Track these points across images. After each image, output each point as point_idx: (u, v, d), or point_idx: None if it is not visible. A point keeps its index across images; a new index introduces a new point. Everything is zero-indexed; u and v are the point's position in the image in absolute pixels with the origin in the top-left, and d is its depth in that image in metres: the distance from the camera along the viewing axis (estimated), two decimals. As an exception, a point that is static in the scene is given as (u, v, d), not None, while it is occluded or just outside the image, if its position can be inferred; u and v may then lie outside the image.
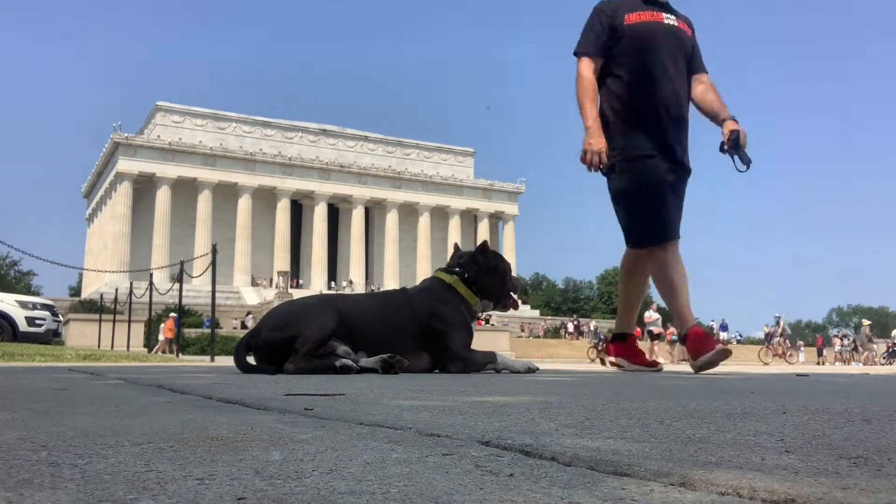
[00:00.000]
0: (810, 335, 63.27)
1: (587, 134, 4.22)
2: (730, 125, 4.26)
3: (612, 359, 4.80)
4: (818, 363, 32.07)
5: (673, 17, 4.41)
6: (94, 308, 29.14)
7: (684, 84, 4.40)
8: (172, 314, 23.32)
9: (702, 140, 4.84)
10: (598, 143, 4.18)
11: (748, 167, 4.22)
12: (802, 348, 38.65)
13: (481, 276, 3.99)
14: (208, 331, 21.93)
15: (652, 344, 18.26)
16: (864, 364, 26.35)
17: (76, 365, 5.70)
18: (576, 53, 4.39)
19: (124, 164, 54.39)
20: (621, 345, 4.81)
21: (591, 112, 4.23)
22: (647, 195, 4.25)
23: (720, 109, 4.37)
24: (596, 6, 4.43)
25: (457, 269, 4.02)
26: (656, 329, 18.14)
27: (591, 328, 28.82)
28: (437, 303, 3.88)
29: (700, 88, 4.46)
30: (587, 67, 4.30)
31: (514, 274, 4.25)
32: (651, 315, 18.16)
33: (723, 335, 43.25)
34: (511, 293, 4.16)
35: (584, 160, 4.23)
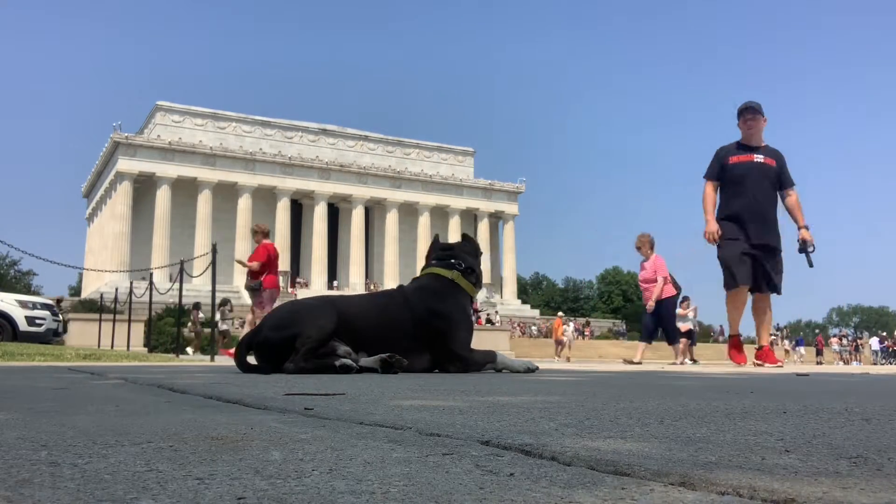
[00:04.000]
0: (810, 335, 63.16)
1: (706, 223, 6.73)
2: (803, 234, 6.60)
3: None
4: (817, 363, 32.02)
5: (762, 156, 6.70)
6: (95, 308, 29.13)
7: (769, 197, 6.67)
8: None
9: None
10: (711, 227, 6.68)
11: (811, 266, 6.59)
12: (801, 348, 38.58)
13: (476, 265, 4.07)
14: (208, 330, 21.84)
15: (683, 343, 17.35)
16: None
17: (76, 364, 5.70)
18: (704, 177, 6.92)
19: (124, 164, 54.33)
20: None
21: (709, 212, 6.77)
22: (723, 261, 6.68)
23: (798, 219, 6.70)
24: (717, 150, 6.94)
25: (454, 262, 4.03)
26: (684, 326, 16.89)
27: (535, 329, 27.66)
28: (438, 301, 3.86)
29: (788, 200, 6.73)
30: (708, 186, 6.84)
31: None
32: (679, 310, 17.04)
33: (801, 350, 42.66)
34: None
35: (705, 236, 6.73)
